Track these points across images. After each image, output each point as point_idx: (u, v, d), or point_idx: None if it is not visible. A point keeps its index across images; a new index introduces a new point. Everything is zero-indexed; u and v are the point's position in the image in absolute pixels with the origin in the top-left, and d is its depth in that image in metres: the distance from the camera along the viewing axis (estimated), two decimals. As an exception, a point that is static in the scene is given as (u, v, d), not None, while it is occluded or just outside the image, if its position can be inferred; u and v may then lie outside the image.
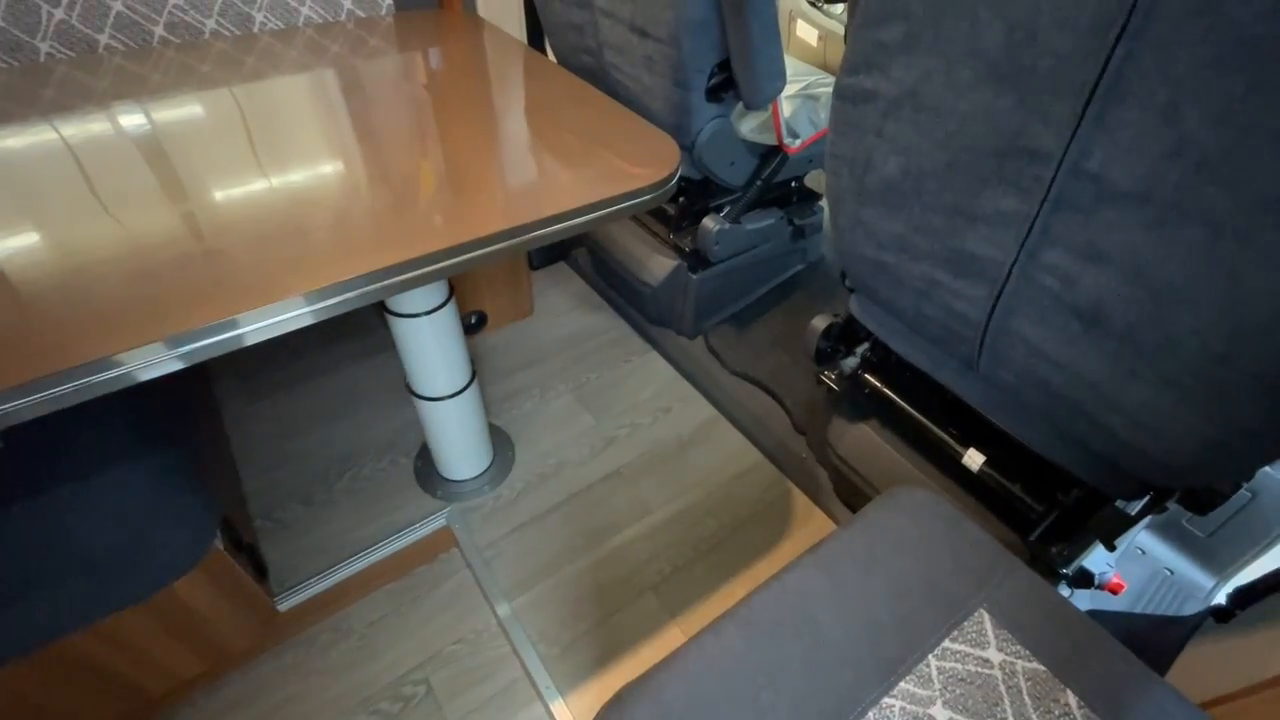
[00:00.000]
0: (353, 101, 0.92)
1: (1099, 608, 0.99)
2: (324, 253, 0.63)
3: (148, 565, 0.79)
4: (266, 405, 1.38)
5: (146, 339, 0.52)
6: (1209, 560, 1.07)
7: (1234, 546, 1.05)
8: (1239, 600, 0.87)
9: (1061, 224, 0.54)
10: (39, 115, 0.81)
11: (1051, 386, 0.66)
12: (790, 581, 0.62)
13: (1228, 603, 0.89)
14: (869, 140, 0.66)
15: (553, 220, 0.67)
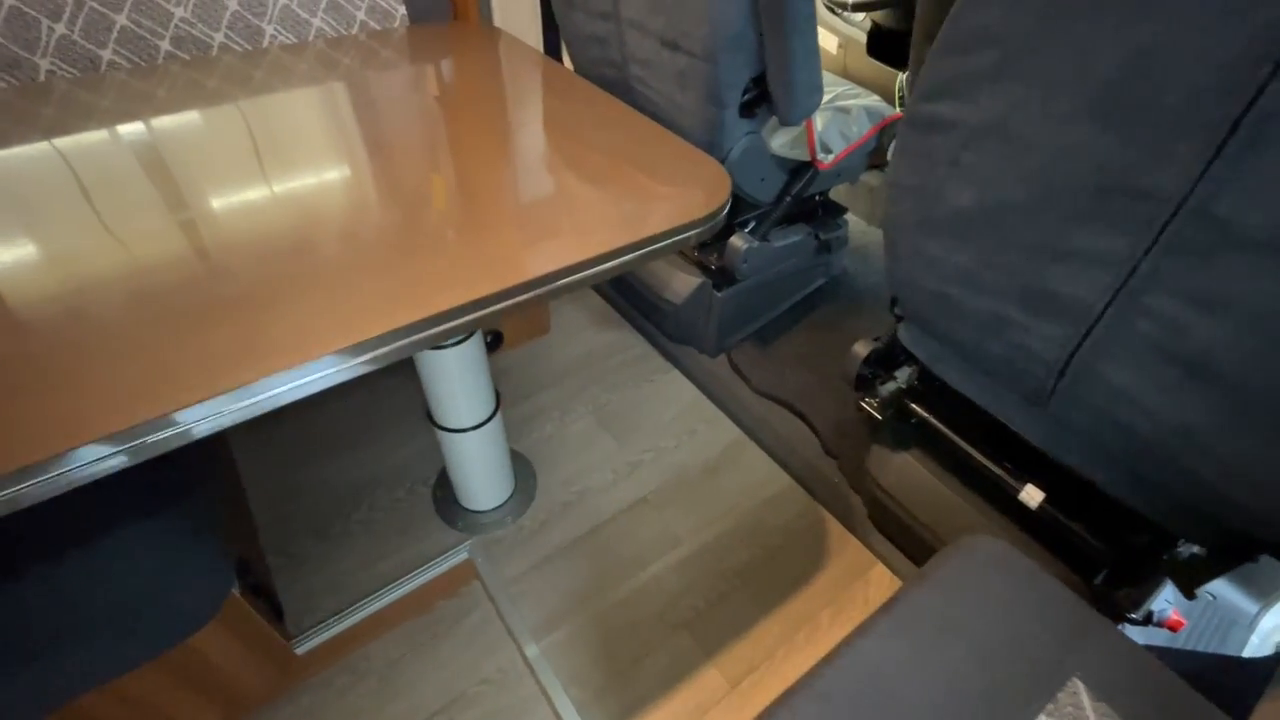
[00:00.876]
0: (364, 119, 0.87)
1: (1151, 643, 0.95)
2: (346, 309, 0.57)
3: (162, 622, 0.74)
4: (276, 433, 1.33)
5: (171, 406, 0.47)
6: (1250, 584, 1.03)
7: (1277, 569, 1.02)
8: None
9: (1173, 268, 0.49)
10: (39, 135, 0.76)
11: (1137, 432, 0.62)
12: (865, 649, 0.58)
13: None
14: (941, 170, 0.61)
15: (599, 260, 0.63)
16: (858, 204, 1.88)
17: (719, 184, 0.71)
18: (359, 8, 1.18)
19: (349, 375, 0.54)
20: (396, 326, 0.54)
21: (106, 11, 0.99)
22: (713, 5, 0.90)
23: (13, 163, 0.70)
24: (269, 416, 1.45)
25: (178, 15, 1.04)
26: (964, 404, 0.97)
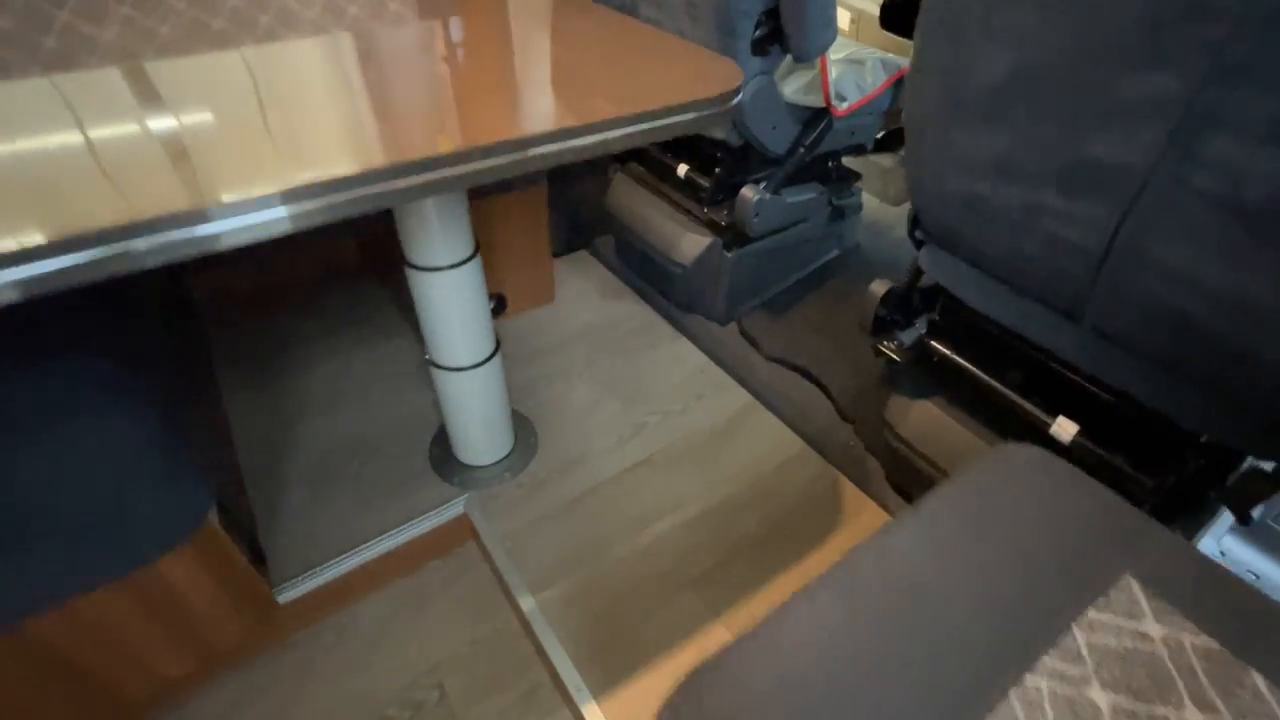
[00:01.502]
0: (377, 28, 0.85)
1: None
2: (336, 152, 0.54)
3: (128, 535, 0.69)
4: (270, 393, 1.29)
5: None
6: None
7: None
8: None
9: (1233, 98, 0.45)
10: (39, 68, 0.75)
11: (1190, 322, 0.56)
12: (892, 545, 0.52)
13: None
14: (971, 38, 0.57)
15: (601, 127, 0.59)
16: (871, 182, 1.85)
17: (732, 75, 0.68)
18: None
19: (345, 213, 0.50)
20: (377, 167, 0.50)
21: (113, -60, 0.98)
22: (725, -75, 0.88)
23: (11, 93, 0.67)
24: (262, 370, 1.42)
25: (185, -52, 1.04)
26: (989, 340, 0.91)
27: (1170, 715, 0.42)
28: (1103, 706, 0.43)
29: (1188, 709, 0.43)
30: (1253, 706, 0.43)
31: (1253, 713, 0.43)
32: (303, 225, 0.49)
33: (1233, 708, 0.43)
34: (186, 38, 0.82)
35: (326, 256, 1.59)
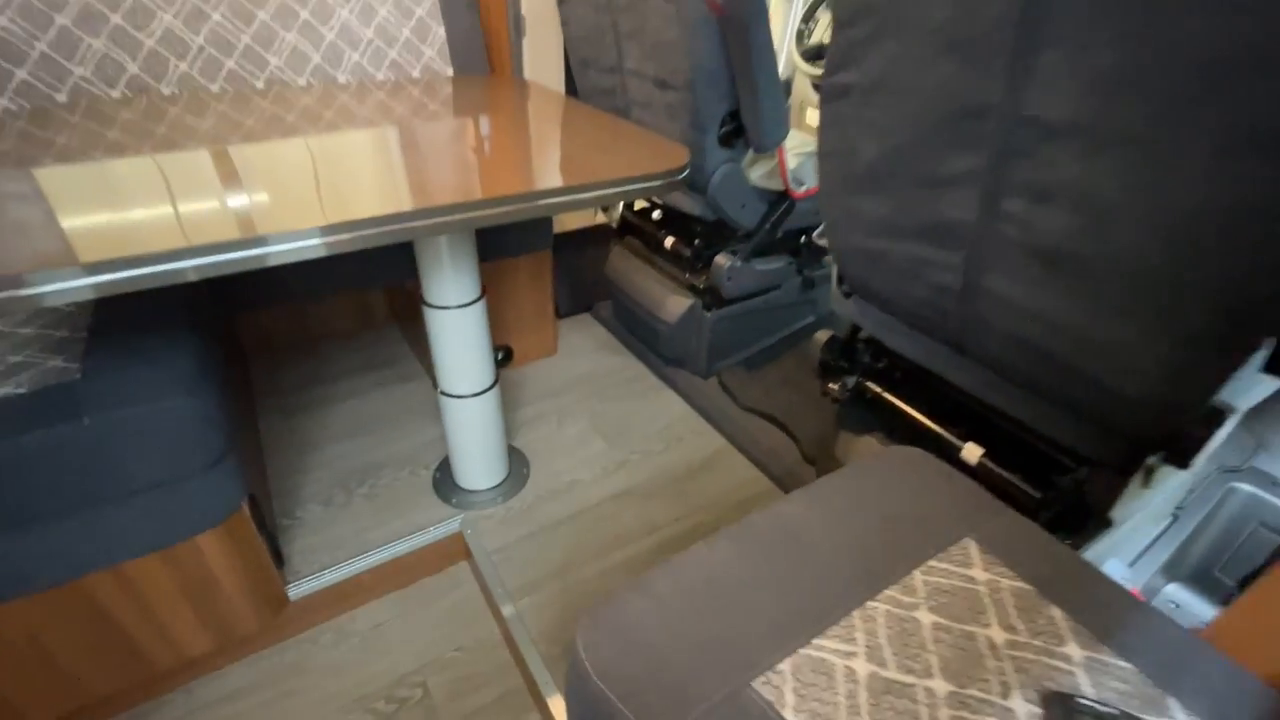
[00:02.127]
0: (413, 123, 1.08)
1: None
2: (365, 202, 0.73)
3: (182, 507, 0.84)
4: (298, 421, 1.47)
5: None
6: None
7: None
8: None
9: (1012, 171, 0.62)
10: (151, 149, 0.96)
11: (1030, 343, 0.71)
12: (780, 509, 0.65)
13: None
14: (851, 130, 0.76)
15: (579, 189, 0.78)
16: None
17: (681, 156, 0.88)
18: (415, 66, 1.45)
19: (378, 242, 0.68)
20: (401, 210, 0.68)
21: (219, 56, 1.26)
22: (693, 49, 1.11)
23: (119, 165, 0.89)
24: (293, 402, 1.63)
25: (273, 63, 1.32)
26: (911, 377, 1.06)
27: (977, 631, 0.54)
28: (924, 623, 0.55)
29: (993, 628, 0.54)
30: (1045, 628, 0.54)
31: (1044, 633, 0.54)
32: (335, 251, 0.67)
33: (1029, 629, 0.54)
34: (266, 128, 1.05)
35: (357, 309, 1.81)
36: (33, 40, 1.12)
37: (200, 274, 0.62)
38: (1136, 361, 0.62)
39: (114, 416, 0.74)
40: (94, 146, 0.92)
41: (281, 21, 1.31)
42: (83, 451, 0.73)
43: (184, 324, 0.92)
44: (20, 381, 0.76)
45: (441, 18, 1.45)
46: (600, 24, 1.29)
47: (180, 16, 1.22)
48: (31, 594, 0.78)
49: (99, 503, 0.77)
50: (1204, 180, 0.49)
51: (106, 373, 0.79)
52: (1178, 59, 0.47)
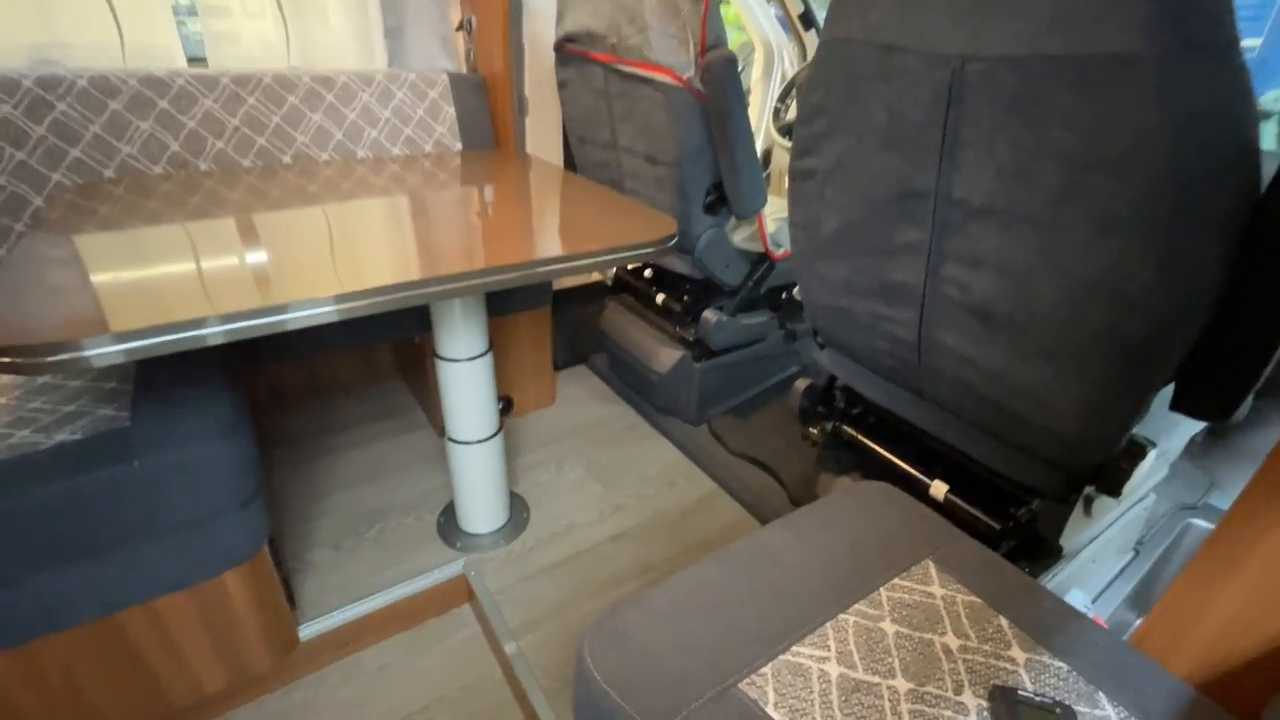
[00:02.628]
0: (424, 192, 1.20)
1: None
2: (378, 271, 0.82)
3: (213, 545, 0.91)
4: (308, 469, 1.53)
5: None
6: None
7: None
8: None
9: (948, 243, 0.73)
10: (183, 218, 1.04)
11: (976, 388, 0.81)
12: (761, 536, 0.74)
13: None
14: (815, 205, 0.89)
15: (581, 256, 0.89)
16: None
17: (668, 226, 1.00)
18: (427, 142, 1.60)
19: (396, 306, 0.78)
20: (414, 279, 0.78)
21: (252, 134, 1.40)
22: (679, 130, 1.25)
23: (158, 232, 0.98)
24: (303, 452, 1.72)
25: (299, 140, 1.45)
26: (883, 422, 1.15)
27: (934, 639, 0.62)
28: (889, 632, 0.62)
29: (948, 636, 0.62)
30: (993, 635, 0.62)
31: (992, 639, 0.62)
32: (347, 316, 0.74)
33: (979, 636, 0.62)
34: (289, 197, 1.17)
35: (364, 362, 1.90)
36: (88, 123, 1.24)
37: (229, 338, 0.69)
38: (1056, 401, 0.73)
39: (160, 459, 0.82)
40: (133, 216, 1.02)
41: (309, 104, 1.45)
42: (132, 491, 0.81)
43: (219, 376, 1.00)
44: (75, 429, 0.84)
45: (452, 100, 1.61)
46: (597, 107, 1.44)
47: (220, 101, 1.36)
48: (72, 628, 0.84)
49: (142, 539, 0.84)
50: (1085, 251, 0.61)
51: (153, 420, 0.87)
52: (1054, 160, 0.60)
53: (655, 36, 1.18)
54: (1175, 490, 1.39)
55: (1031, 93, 0.59)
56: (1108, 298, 0.62)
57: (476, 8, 1.61)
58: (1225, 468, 1.44)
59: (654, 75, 1.21)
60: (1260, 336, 0.63)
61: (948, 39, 0.64)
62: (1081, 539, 0.89)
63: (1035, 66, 0.58)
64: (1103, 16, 0.53)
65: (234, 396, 0.98)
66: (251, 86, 1.39)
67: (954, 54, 0.64)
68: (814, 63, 0.80)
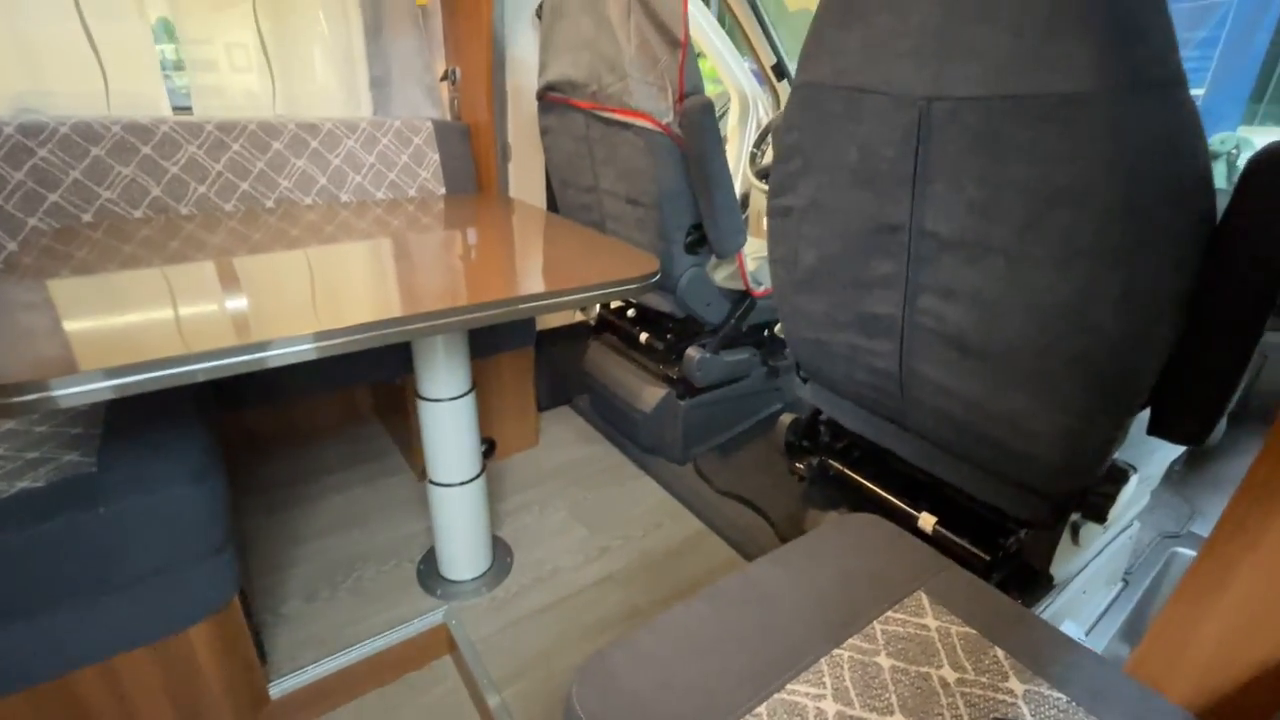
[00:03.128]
0: (408, 233, 1.20)
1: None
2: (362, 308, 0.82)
3: (180, 598, 0.87)
4: (282, 516, 1.49)
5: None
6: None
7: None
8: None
9: (923, 274, 0.75)
10: (161, 261, 1.02)
11: (956, 418, 0.82)
12: (750, 572, 0.72)
13: None
14: (794, 242, 0.91)
15: (564, 293, 0.89)
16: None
17: (650, 264, 1.01)
18: (411, 186, 1.62)
19: (378, 343, 0.77)
20: (398, 315, 0.77)
21: (235, 180, 1.40)
22: (659, 172, 1.29)
23: (134, 276, 0.95)
24: (277, 498, 1.66)
25: (283, 185, 1.46)
26: (868, 455, 1.15)
27: (931, 672, 0.61)
28: (884, 666, 0.61)
29: (944, 668, 0.61)
30: (990, 667, 0.61)
31: (989, 671, 0.61)
32: (327, 354, 0.73)
33: (975, 667, 0.61)
34: (271, 241, 1.16)
35: (342, 405, 1.87)
36: (68, 169, 1.24)
37: (204, 376, 0.67)
38: (1035, 427, 0.73)
39: (127, 504, 0.79)
40: (110, 260, 1.01)
41: (293, 150, 1.47)
42: (96, 539, 0.77)
43: (191, 419, 0.98)
44: (39, 475, 0.81)
45: (437, 146, 1.64)
46: (579, 152, 1.48)
47: (204, 147, 1.37)
48: (21, 691, 0.79)
49: (105, 590, 0.80)
50: (1052, 281, 0.63)
51: (120, 464, 0.84)
52: (1018, 193, 0.62)
53: (635, 84, 1.22)
54: (1159, 519, 1.40)
55: (994, 130, 0.62)
56: (1076, 325, 0.64)
57: (461, 59, 1.66)
58: (1205, 495, 1.45)
59: (634, 120, 1.25)
60: (1226, 360, 0.65)
61: (913, 82, 0.67)
62: (1071, 568, 0.88)
63: (996, 105, 0.61)
64: (1054, 60, 0.56)
65: (206, 440, 0.96)
66: (236, 133, 1.40)
67: (920, 95, 0.67)
68: (787, 106, 0.83)
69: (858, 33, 0.70)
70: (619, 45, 1.22)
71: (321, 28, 1.59)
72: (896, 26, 0.66)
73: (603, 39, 1.25)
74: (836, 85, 0.74)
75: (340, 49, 1.62)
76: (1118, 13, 0.52)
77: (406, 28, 1.63)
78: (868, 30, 0.69)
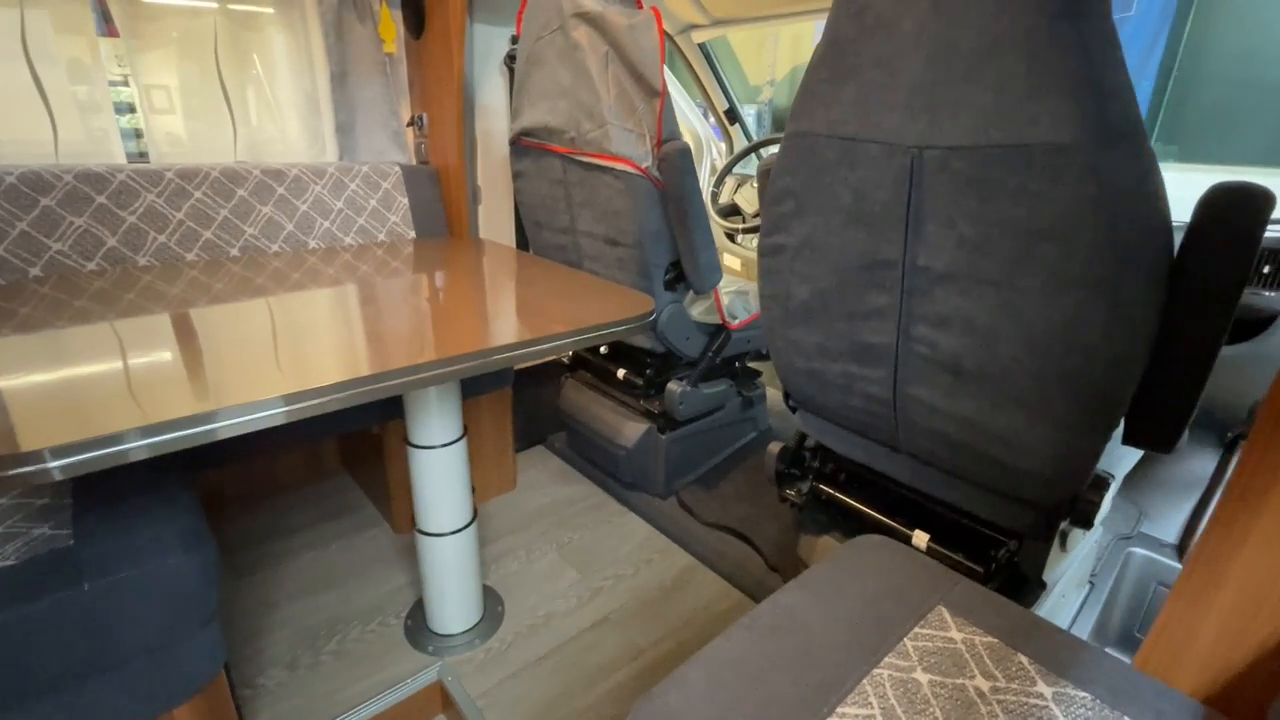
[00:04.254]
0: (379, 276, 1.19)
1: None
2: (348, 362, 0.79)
3: (168, 676, 0.80)
4: (254, 580, 1.40)
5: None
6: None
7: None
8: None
9: (916, 306, 0.81)
10: (115, 315, 0.95)
11: (951, 438, 0.87)
12: (780, 599, 0.74)
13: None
14: (786, 278, 0.95)
15: (570, 334, 0.90)
16: (774, 381, 2.26)
17: (645, 303, 1.04)
18: (380, 231, 1.60)
19: (363, 400, 0.73)
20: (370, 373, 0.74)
21: (197, 228, 1.35)
22: (639, 214, 1.33)
23: (84, 332, 0.89)
24: (244, 561, 1.56)
25: (248, 232, 1.42)
26: (856, 478, 1.20)
27: (965, 683, 0.63)
28: (923, 682, 0.63)
29: (977, 678, 0.64)
30: (1017, 674, 0.64)
31: (1018, 677, 0.64)
32: (319, 412, 0.69)
33: (1005, 674, 0.64)
34: (234, 290, 1.12)
35: (307, 459, 1.79)
36: (14, 221, 1.17)
37: (150, 452, 0.61)
38: (1028, 443, 0.79)
39: (115, 579, 0.74)
40: (58, 316, 0.94)
41: (259, 197, 1.43)
42: (81, 620, 0.71)
43: (173, 479, 0.92)
44: (8, 553, 0.74)
45: (405, 190, 1.63)
46: (555, 194, 1.50)
47: (164, 195, 1.31)
48: None
49: (89, 675, 0.73)
50: (1043, 307, 0.69)
51: (101, 536, 0.78)
52: (1007, 231, 0.68)
53: (614, 131, 1.26)
54: (1112, 522, 1.51)
55: (983, 175, 0.68)
56: (1067, 346, 0.70)
57: (429, 105, 1.67)
58: (1148, 498, 1.57)
59: (614, 165, 1.29)
60: (1191, 372, 0.72)
61: (905, 132, 0.73)
62: (1058, 573, 0.94)
63: (984, 153, 0.68)
64: (1038, 114, 0.63)
65: (190, 502, 0.90)
66: (198, 180, 1.36)
67: (912, 144, 0.73)
68: (781, 152, 0.88)
69: (850, 88, 0.76)
70: (597, 94, 1.27)
71: (285, 72, 1.58)
72: (887, 82, 0.73)
73: (581, 88, 1.30)
74: (830, 134, 0.80)
75: (304, 95, 1.60)
76: (1090, 74, 0.59)
77: (373, 75, 1.63)
78: (860, 86, 0.75)
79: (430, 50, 1.59)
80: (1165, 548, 1.44)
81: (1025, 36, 0.61)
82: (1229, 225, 0.64)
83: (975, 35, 0.65)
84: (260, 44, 1.56)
